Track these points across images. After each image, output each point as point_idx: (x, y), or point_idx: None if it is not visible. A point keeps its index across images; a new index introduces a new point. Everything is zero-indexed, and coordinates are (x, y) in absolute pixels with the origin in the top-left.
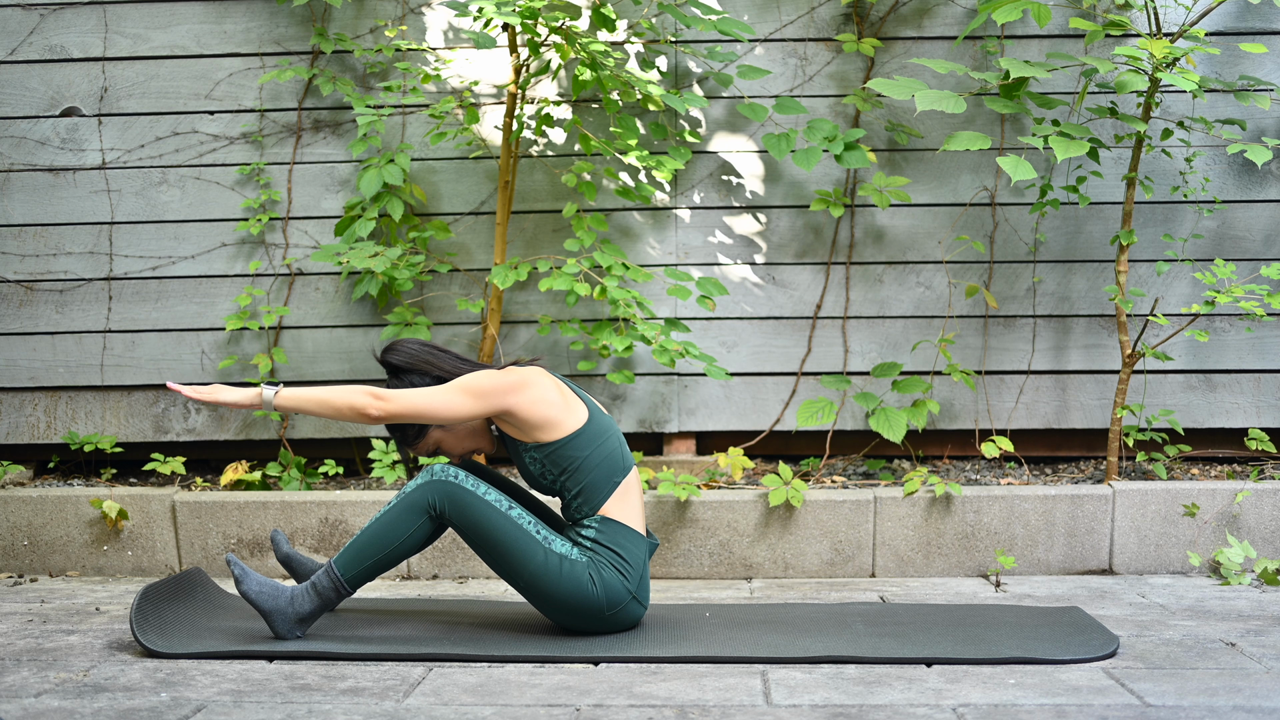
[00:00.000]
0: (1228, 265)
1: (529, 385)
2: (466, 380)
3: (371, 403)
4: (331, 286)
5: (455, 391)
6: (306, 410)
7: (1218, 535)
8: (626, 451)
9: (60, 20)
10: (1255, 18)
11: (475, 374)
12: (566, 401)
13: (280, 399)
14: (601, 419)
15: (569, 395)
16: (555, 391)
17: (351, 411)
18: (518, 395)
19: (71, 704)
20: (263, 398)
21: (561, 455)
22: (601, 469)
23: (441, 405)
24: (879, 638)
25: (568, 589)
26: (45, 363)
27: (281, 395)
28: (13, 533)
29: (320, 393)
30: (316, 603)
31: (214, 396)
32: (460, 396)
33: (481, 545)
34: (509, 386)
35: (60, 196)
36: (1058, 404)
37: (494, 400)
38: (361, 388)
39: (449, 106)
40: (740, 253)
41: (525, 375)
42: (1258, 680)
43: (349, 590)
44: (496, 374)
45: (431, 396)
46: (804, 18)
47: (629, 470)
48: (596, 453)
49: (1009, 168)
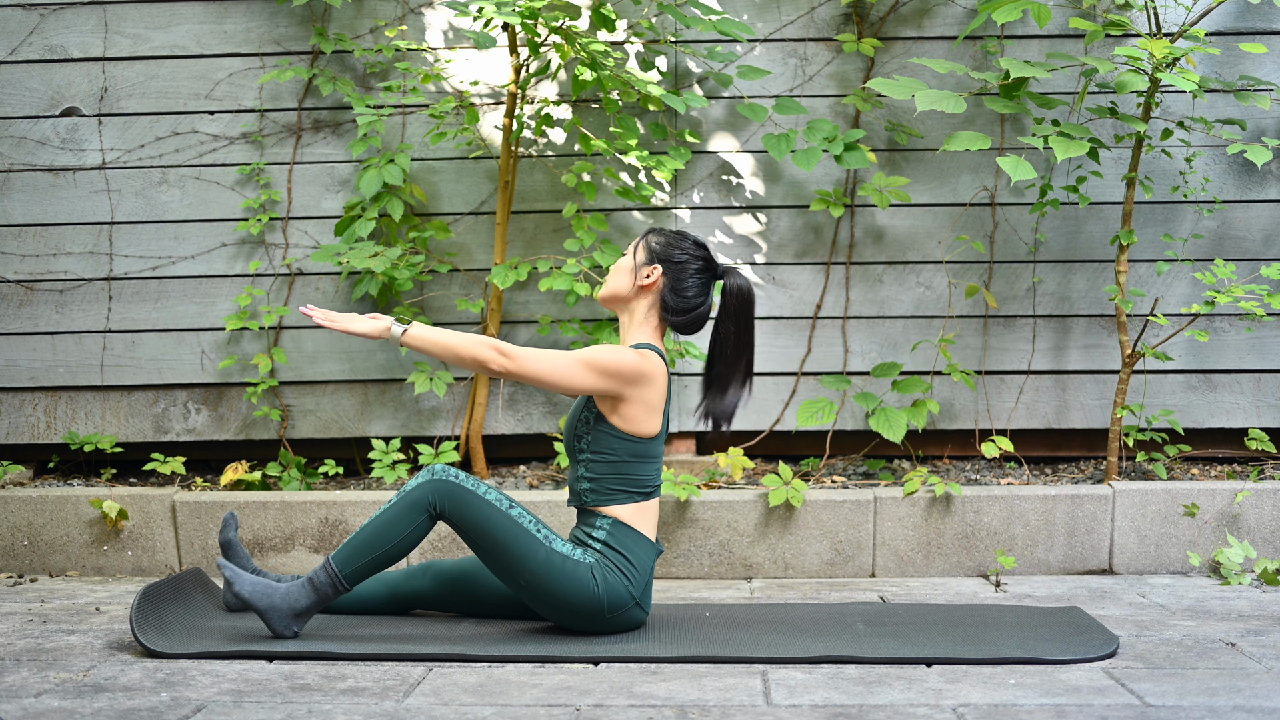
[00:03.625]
0: (1228, 265)
1: (650, 380)
2: (596, 355)
3: (496, 358)
4: (331, 286)
5: (579, 366)
6: (431, 351)
7: (1218, 535)
8: (659, 476)
9: (60, 20)
10: (1255, 18)
11: (607, 350)
12: (660, 410)
13: (409, 336)
14: (660, 444)
15: (664, 404)
16: (662, 394)
17: (475, 362)
18: (636, 387)
19: (71, 704)
20: (391, 332)
21: (608, 443)
22: (627, 481)
23: (562, 375)
24: (879, 638)
25: (569, 587)
26: (45, 363)
27: (410, 333)
28: (13, 533)
29: (448, 337)
30: (313, 598)
31: (345, 324)
32: (584, 372)
33: (481, 543)
34: (635, 375)
35: (60, 196)
36: (1058, 404)
37: (612, 383)
38: (489, 340)
39: (449, 106)
40: (740, 253)
41: (654, 370)
42: (1258, 680)
43: (346, 587)
44: (624, 356)
45: (555, 365)
46: (804, 18)
47: (651, 496)
48: (635, 467)
49: (1009, 168)
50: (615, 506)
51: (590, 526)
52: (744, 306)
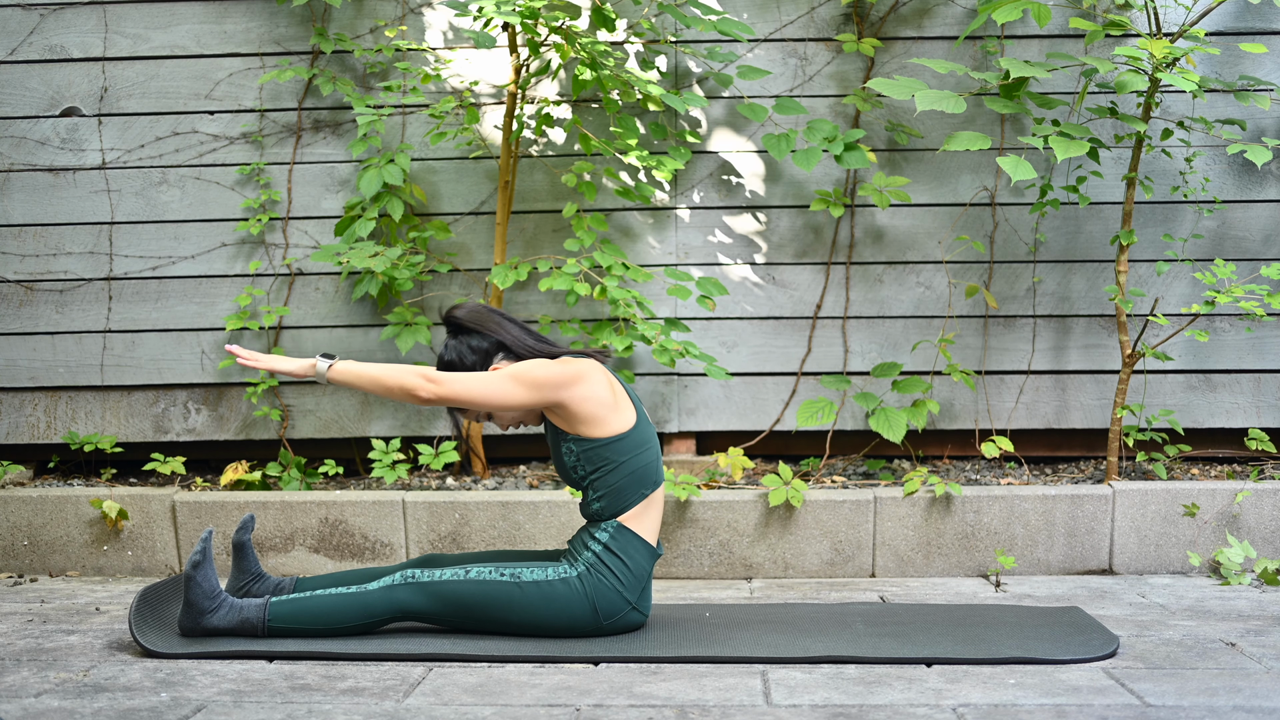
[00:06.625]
0: (1227, 265)
1: (582, 380)
2: (521, 370)
3: (423, 384)
4: (331, 286)
5: (507, 380)
6: (358, 386)
7: (1218, 535)
8: (660, 467)
9: (60, 20)
10: (1255, 18)
11: (530, 363)
12: (617, 401)
13: (334, 372)
14: (646, 429)
15: (620, 395)
16: (607, 389)
17: (403, 392)
18: (570, 389)
19: (71, 704)
20: (316, 369)
21: (598, 454)
22: (633, 478)
23: (492, 393)
24: (879, 638)
25: (557, 609)
26: (45, 363)
27: (336, 369)
28: (13, 533)
29: (374, 369)
30: (232, 625)
31: (270, 364)
32: (512, 385)
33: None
34: (563, 379)
35: (60, 196)
36: (1058, 404)
37: (545, 393)
38: (416, 369)
39: (449, 106)
40: (740, 252)
41: (581, 369)
42: (1258, 680)
43: (265, 636)
44: (552, 365)
45: (483, 384)
46: (804, 18)
47: (658, 486)
48: (633, 461)
49: (1009, 168)
50: (626, 511)
51: (593, 529)
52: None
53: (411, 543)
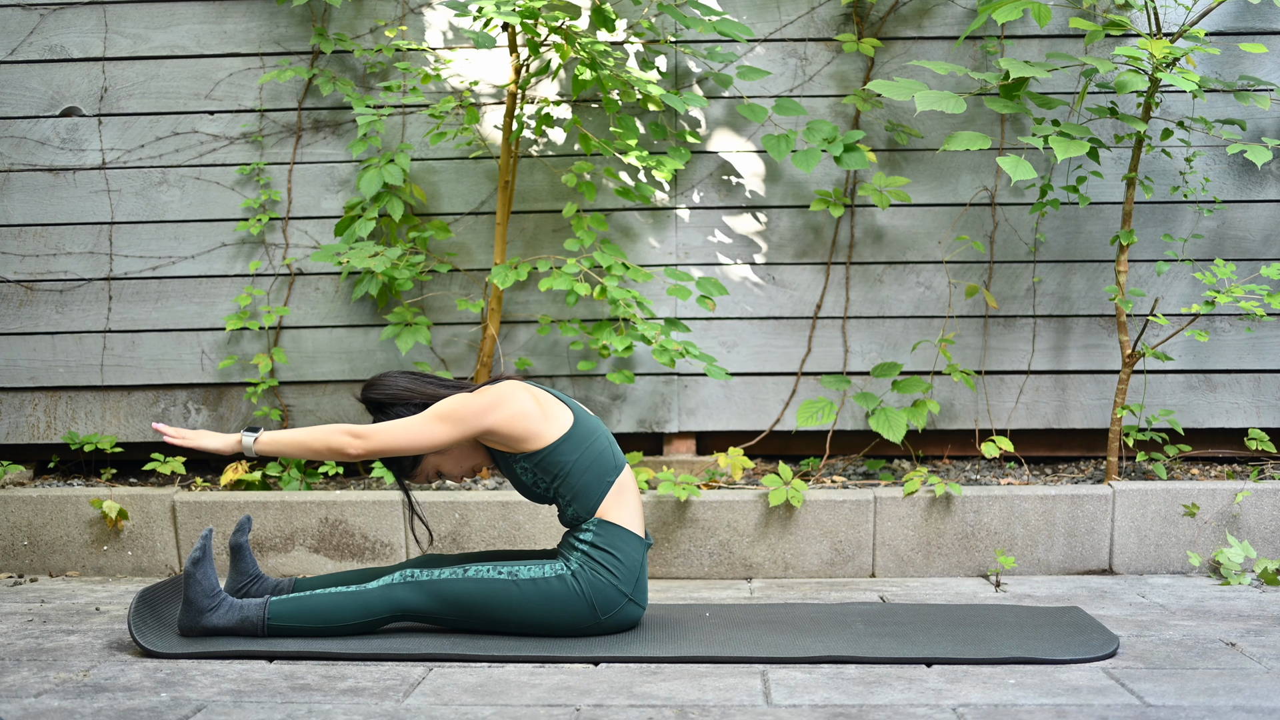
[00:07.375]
0: (1227, 265)
1: (504, 402)
2: (440, 408)
3: (350, 442)
4: (331, 286)
5: (431, 420)
6: (286, 453)
7: (1218, 535)
8: (617, 451)
9: (60, 20)
10: (1255, 18)
11: (448, 400)
12: (545, 410)
13: (260, 445)
14: (587, 421)
15: (549, 403)
16: (532, 402)
17: (331, 452)
18: (494, 414)
19: (71, 704)
20: (242, 444)
21: (550, 462)
22: (592, 471)
23: (420, 436)
24: (879, 638)
25: (555, 606)
26: (45, 363)
27: (261, 441)
28: (13, 533)
29: (299, 435)
30: (232, 624)
31: (196, 442)
32: (437, 424)
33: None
34: (483, 408)
35: (60, 196)
36: (1058, 404)
37: (471, 423)
38: (340, 427)
39: (449, 106)
40: (740, 252)
41: (499, 393)
42: (1258, 680)
43: (265, 635)
44: (470, 397)
45: (409, 428)
46: (804, 18)
47: (621, 469)
48: (585, 455)
49: (1009, 168)
50: (598, 504)
51: (577, 531)
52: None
53: (411, 543)
